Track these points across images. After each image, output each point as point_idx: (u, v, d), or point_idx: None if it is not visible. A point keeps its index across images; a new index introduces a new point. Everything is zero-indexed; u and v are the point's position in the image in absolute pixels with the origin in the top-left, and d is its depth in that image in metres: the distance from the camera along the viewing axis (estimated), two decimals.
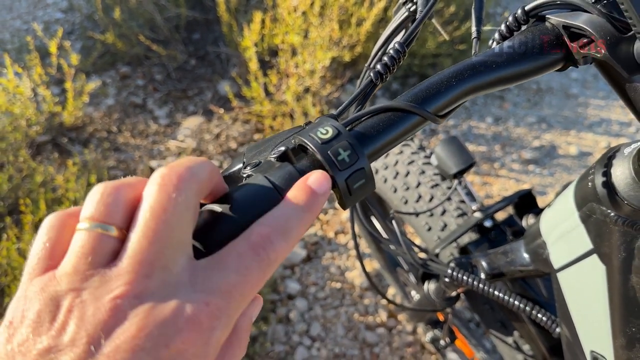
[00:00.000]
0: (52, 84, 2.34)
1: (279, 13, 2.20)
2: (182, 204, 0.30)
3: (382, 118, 0.39)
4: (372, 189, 0.38)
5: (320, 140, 0.36)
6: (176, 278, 0.28)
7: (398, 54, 0.46)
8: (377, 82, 0.46)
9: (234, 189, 0.37)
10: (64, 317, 0.26)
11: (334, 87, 2.23)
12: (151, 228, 0.29)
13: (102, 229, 0.29)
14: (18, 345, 0.26)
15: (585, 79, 2.67)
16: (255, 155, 0.43)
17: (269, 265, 0.30)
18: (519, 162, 2.23)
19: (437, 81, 0.40)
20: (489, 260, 0.76)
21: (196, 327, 0.27)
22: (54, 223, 0.30)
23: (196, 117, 2.29)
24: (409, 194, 1.04)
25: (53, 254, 0.29)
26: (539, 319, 0.70)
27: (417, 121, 0.39)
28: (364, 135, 0.38)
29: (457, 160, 0.88)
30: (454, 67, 0.41)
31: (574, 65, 0.43)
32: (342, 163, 0.36)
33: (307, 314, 1.75)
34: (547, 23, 0.43)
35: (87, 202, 0.30)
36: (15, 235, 1.56)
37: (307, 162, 0.38)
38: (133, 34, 2.41)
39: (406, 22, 0.65)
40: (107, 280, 0.27)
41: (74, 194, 1.64)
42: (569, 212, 0.57)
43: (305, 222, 0.33)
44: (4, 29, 2.80)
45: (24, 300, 0.28)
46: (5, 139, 1.88)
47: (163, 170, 0.31)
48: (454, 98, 0.40)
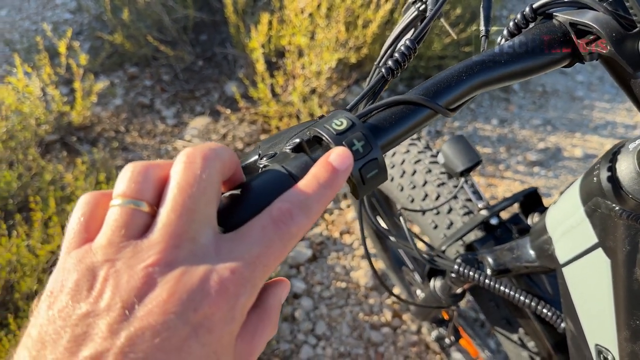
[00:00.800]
0: (61, 84, 2.36)
1: (286, 15, 2.21)
2: (207, 180, 0.32)
3: (394, 111, 0.40)
4: (385, 179, 0.39)
5: (335, 131, 0.38)
6: (203, 249, 0.30)
7: (409, 51, 0.47)
8: (388, 77, 0.47)
9: (252, 177, 0.38)
10: (101, 285, 0.28)
11: (340, 88, 2.24)
12: (179, 202, 0.31)
13: (134, 205, 0.31)
14: (58, 312, 0.28)
15: (590, 82, 2.68)
16: (270, 147, 0.44)
17: (290, 238, 0.32)
18: (524, 164, 2.23)
19: (447, 76, 0.41)
20: (495, 257, 0.77)
21: (222, 293, 0.28)
22: (88, 200, 0.33)
23: (203, 117, 2.31)
24: (415, 193, 1.05)
25: (88, 228, 0.32)
26: (544, 314, 0.71)
27: (429, 114, 0.40)
28: (377, 127, 0.39)
29: (464, 158, 0.90)
30: (464, 62, 0.42)
31: (580, 62, 0.44)
32: (356, 153, 0.37)
33: (313, 312, 1.76)
34: (554, 20, 0.44)
35: (119, 181, 0.32)
36: (25, 232, 1.57)
37: (322, 152, 0.39)
38: (141, 35, 2.44)
39: (415, 21, 0.67)
40: (139, 251, 0.29)
41: (82, 192, 1.66)
42: (574, 208, 0.58)
43: (325, 198, 0.34)
44: (13, 30, 2.83)
45: (62, 271, 0.30)
46: (14, 138, 1.90)
47: (188, 150, 0.33)
48: (464, 92, 0.41)
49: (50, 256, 1.55)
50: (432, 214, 1.00)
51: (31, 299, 1.50)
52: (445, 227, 0.98)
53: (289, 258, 1.86)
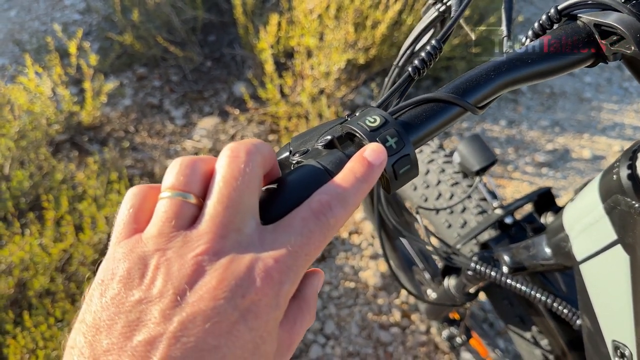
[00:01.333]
0: (70, 84, 2.38)
1: (295, 16, 2.23)
2: (250, 173, 0.33)
3: (425, 108, 0.41)
4: (416, 174, 0.40)
5: (368, 128, 0.39)
6: (248, 238, 0.32)
7: (435, 50, 0.48)
8: (415, 76, 0.48)
9: (288, 173, 0.39)
10: (152, 273, 0.30)
11: (349, 89, 2.26)
12: (225, 195, 0.32)
13: (182, 197, 0.32)
14: (111, 299, 0.29)
15: (598, 83, 2.68)
16: (302, 144, 0.45)
17: (329, 229, 0.33)
18: (533, 165, 2.24)
19: (476, 74, 0.42)
20: (511, 255, 0.78)
21: (268, 281, 0.30)
22: (136, 192, 0.34)
23: (212, 117, 2.32)
24: (429, 192, 1.06)
25: (137, 219, 0.33)
26: (560, 311, 0.72)
27: (458, 112, 0.41)
28: (408, 124, 0.40)
29: (480, 157, 0.91)
30: (492, 61, 0.43)
31: (603, 62, 0.45)
32: (390, 149, 0.38)
33: (322, 312, 1.77)
34: (578, 22, 0.45)
35: (168, 175, 0.34)
36: (38, 230, 1.59)
37: (355, 148, 0.40)
38: (150, 36, 2.45)
39: (435, 22, 0.68)
40: (188, 240, 0.31)
41: (94, 191, 1.68)
42: (593, 205, 0.59)
43: (361, 191, 0.36)
44: (22, 30, 2.85)
45: (113, 261, 0.31)
46: (26, 137, 1.92)
47: (232, 145, 0.35)
48: (492, 90, 0.42)
49: (62, 254, 1.56)
50: (446, 213, 1.01)
51: (44, 297, 1.52)
52: (459, 226, 0.99)
53: None
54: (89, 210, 1.57)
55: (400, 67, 0.70)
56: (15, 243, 1.52)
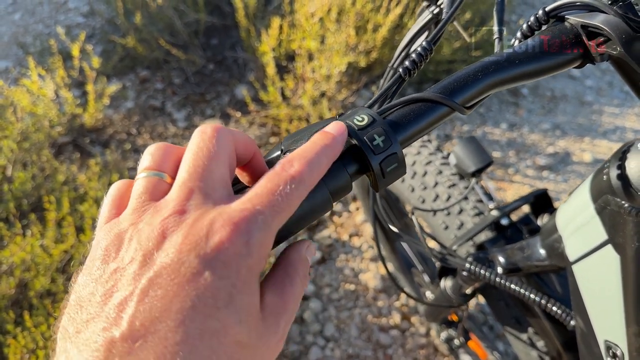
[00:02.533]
0: (73, 87, 2.40)
1: (296, 19, 2.24)
2: (217, 145, 0.35)
3: (413, 108, 0.42)
4: (404, 173, 0.41)
5: (356, 126, 0.39)
6: (215, 200, 0.33)
7: (425, 51, 0.49)
8: (406, 77, 0.49)
9: None
10: (126, 245, 0.31)
11: (350, 91, 2.26)
12: (190, 163, 0.34)
13: (156, 176, 0.35)
14: (90, 275, 0.31)
15: (599, 87, 2.68)
16: (293, 143, 0.46)
17: (293, 182, 0.34)
18: (533, 168, 2.24)
19: (464, 75, 0.43)
20: (506, 256, 0.79)
21: (234, 229, 0.31)
22: (116, 184, 0.36)
23: (214, 120, 2.33)
24: (426, 194, 1.07)
25: (117, 205, 0.35)
26: (554, 311, 0.72)
27: (446, 111, 0.42)
28: (396, 123, 0.41)
29: (476, 159, 0.91)
30: (480, 62, 0.44)
31: (591, 62, 0.46)
32: (377, 148, 0.39)
33: (321, 314, 1.77)
34: (566, 23, 0.45)
35: (143, 158, 0.36)
36: (39, 231, 1.60)
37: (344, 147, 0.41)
38: (153, 39, 2.47)
39: (429, 24, 0.68)
40: (158, 209, 0.32)
41: (95, 192, 1.69)
42: (584, 205, 0.59)
43: (322, 155, 0.37)
44: (26, 33, 2.87)
45: (94, 245, 0.33)
46: (28, 139, 1.93)
47: (202, 125, 0.36)
48: (480, 91, 0.43)
49: (64, 255, 1.57)
50: (443, 214, 1.01)
51: (45, 297, 1.53)
52: (456, 227, 0.99)
53: None
54: (90, 211, 1.58)
55: (395, 69, 0.70)
56: (17, 244, 1.53)
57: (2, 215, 1.70)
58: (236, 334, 0.30)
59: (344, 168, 0.40)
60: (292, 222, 0.38)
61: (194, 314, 0.28)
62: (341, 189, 0.40)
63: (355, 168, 0.40)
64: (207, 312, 0.29)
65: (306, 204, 0.38)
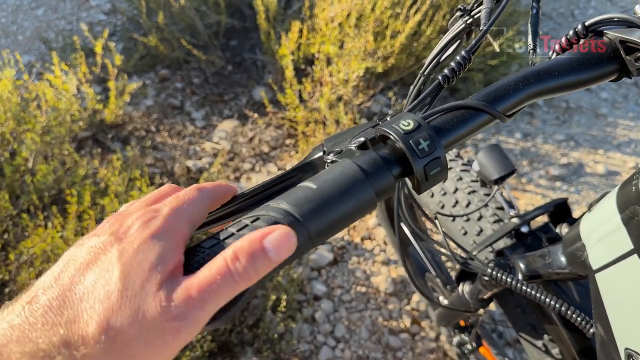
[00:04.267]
0: (94, 83, 2.43)
1: (316, 23, 2.26)
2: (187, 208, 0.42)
3: (456, 115, 0.44)
4: (445, 177, 0.43)
5: (402, 131, 0.41)
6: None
7: (464, 60, 0.51)
8: (445, 84, 0.51)
9: (324, 171, 0.42)
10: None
11: (366, 96, 2.28)
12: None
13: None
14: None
15: (615, 100, 2.69)
16: (334, 145, 0.48)
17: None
18: (546, 179, 2.25)
19: (505, 84, 0.45)
20: (527, 263, 0.80)
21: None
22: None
23: (231, 120, 2.36)
24: (445, 199, 1.09)
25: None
26: (574, 319, 0.74)
27: (487, 119, 0.44)
28: (440, 128, 0.43)
29: (499, 166, 0.93)
30: (521, 72, 0.46)
31: (627, 77, 0.48)
32: (422, 152, 0.41)
33: (332, 315, 1.79)
34: (604, 37, 0.47)
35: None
36: (60, 223, 1.63)
37: (388, 150, 0.43)
38: (174, 38, 2.50)
39: (462, 34, 0.70)
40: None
41: (116, 187, 1.72)
42: (610, 215, 0.61)
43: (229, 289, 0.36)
44: (49, 29, 2.91)
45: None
46: (50, 133, 1.96)
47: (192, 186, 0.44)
48: (520, 100, 0.45)
49: None
50: (462, 220, 1.03)
51: None
52: (475, 233, 1.01)
53: (310, 260, 1.89)
54: (111, 205, 1.61)
55: (426, 76, 0.72)
56: (38, 235, 1.56)
57: (23, 206, 1.73)
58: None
59: (388, 170, 0.42)
60: (337, 220, 0.40)
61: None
62: (385, 189, 0.42)
63: (399, 170, 0.42)
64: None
65: (352, 202, 0.40)
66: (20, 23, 2.95)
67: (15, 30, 2.90)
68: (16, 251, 1.57)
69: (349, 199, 0.39)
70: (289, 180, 0.49)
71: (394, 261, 1.94)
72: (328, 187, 0.40)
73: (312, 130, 2.22)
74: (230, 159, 2.23)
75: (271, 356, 1.62)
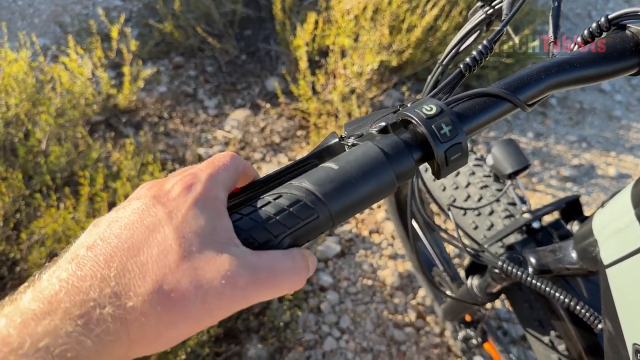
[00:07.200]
0: (108, 68, 2.45)
1: (331, 15, 2.26)
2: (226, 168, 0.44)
3: (478, 102, 0.44)
4: (466, 162, 0.43)
5: (425, 115, 0.42)
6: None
7: (486, 50, 0.51)
8: (466, 72, 0.51)
9: (346, 152, 0.43)
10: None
11: (380, 90, 2.28)
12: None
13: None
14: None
15: (629, 102, 2.67)
16: (355, 129, 0.49)
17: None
18: (557, 179, 2.24)
19: (527, 74, 0.45)
20: (538, 257, 0.81)
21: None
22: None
23: (243, 110, 2.37)
24: (457, 193, 1.09)
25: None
26: (583, 314, 0.74)
27: (508, 107, 0.44)
28: (462, 115, 0.43)
29: (513, 161, 0.93)
30: (543, 63, 0.46)
31: None
32: (444, 136, 0.41)
33: (338, 306, 1.80)
34: (627, 31, 0.48)
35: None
36: (72, 205, 1.65)
37: (410, 134, 0.43)
38: (189, 26, 2.51)
39: (482, 24, 0.71)
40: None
41: (128, 171, 1.73)
42: (624, 211, 0.61)
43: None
44: (65, 12, 2.93)
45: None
46: (64, 115, 1.98)
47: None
48: (542, 90, 0.45)
49: None
50: (473, 214, 1.03)
51: None
52: (486, 228, 1.01)
53: (317, 252, 1.90)
54: (123, 189, 1.62)
55: (445, 66, 0.72)
56: (50, 215, 1.58)
57: (36, 187, 1.75)
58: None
59: (409, 153, 0.42)
60: (358, 201, 0.41)
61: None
62: (405, 172, 0.42)
63: (419, 154, 0.43)
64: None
65: (372, 184, 0.41)
66: (36, 6, 2.97)
67: (32, 13, 2.92)
68: (28, 231, 1.59)
69: (370, 180, 0.40)
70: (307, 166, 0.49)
71: (401, 255, 1.94)
72: (350, 167, 0.40)
73: (324, 122, 2.22)
74: (242, 148, 2.23)
75: (276, 344, 1.63)
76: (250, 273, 0.35)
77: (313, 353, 1.66)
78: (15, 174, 1.66)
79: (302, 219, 0.39)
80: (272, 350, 1.62)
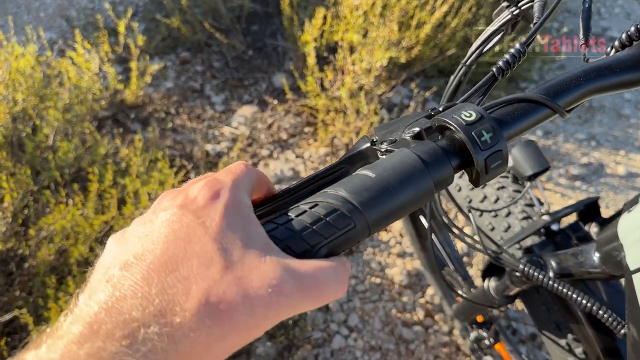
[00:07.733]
0: (115, 62, 2.44)
1: (340, 10, 2.25)
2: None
3: (517, 107, 0.43)
4: (504, 170, 0.42)
5: (464, 122, 0.41)
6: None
7: (519, 54, 0.50)
8: (499, 76, 0.50)
9: (382, 160, 0.42)
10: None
11: (388, 87, 2.27)
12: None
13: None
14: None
15: (638, 101, 2.66)
16: (386, 134, 0.48)
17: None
18: (566, 177, 2.23)
19: (566, 79, 0.44)
20: (559, 260, 0.80)
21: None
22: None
23: (251, 106, 2.36)
24: (473, 194, 1.08)
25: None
26: (605, 318, 0.73)
27: (547, 113, 0.43)
28: (502, 121, 0.42)
29: (533, 163, 0.92)
30: (582, 68, 0.45)
31: None
32: (484, 144, 0.40)
33: (346, 305, 1.79)
34: None
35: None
36: (80, 201, 1.64)
37: (447, 140, 0.42)
38: (196, 21, 2.49)
39: (507, 25, 0.69)
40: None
41: (137, 167, 1.72)
42: None
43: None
44: (71, 6, 2.91)
45: None
46: (72, 110, 1.97)
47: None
48: (580, 95, 0.44)
49: (104, 226, 1.61)
50: (490, 216, 1.02)
51: (82, 265, 1.57)
52: (503, 229, 1.00)
53: None
54: (132, 185, 1.62)
55: (468, 67, 0.71)
56: (59, 211, 1.57)
57: (44, 183, 1.74)
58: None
59: (447, 161, 0.41)
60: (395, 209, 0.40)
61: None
62: (444, 180, 0.41)
63: (458, 161, 0.42)
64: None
65: (410, 192, 0.40)
66: (42, 0, 2.95)
67: (38, 7, 2.91)
68: (36, 227, 1.58)
69: (407, 189, 0.39)
70: (338, 172, 0.48)
71: (410, 254, 1.93)
72: (387, 175, 0.39)
73: (332, 119, 2.21)
74: (249, 145, 2.22)
75: (285, 342, 1.63)
76: (295, 280, 0.34)
77: (321, 351, 1.66)
78: (24, 170, 1.65)
79: (339, 229, 0.38)
80: (281, 348, 1.62)
